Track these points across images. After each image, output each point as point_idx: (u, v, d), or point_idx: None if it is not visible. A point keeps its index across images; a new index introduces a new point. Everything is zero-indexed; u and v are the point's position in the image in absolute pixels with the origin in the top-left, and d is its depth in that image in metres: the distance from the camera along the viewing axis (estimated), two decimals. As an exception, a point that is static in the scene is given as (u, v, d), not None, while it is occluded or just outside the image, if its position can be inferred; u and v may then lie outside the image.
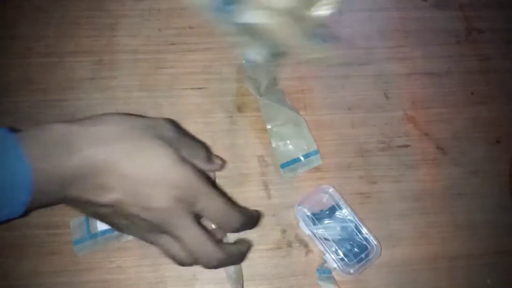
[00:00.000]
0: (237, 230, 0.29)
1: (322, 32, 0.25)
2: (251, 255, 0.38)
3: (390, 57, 0.47)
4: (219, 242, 0.28)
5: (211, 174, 0.35)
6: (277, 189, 0.41)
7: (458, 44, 0.48)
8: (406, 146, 0.43)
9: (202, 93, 0.44)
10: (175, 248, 0.27)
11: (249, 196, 0.40)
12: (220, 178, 0.40)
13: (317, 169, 0.42)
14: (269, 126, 0.42)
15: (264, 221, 0.39)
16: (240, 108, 0.44)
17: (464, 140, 0.44)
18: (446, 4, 0.51)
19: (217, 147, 0.42)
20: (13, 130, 0.24)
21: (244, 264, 0.38)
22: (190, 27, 0.47)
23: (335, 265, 0.36)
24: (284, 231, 0.39)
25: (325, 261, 0.37)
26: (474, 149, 0.43)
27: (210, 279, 0.37)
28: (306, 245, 0.39)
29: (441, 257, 0.39)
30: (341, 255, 0.37)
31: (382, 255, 0.39)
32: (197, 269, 0.37)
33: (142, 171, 0.25)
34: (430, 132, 0.44)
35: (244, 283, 0.37)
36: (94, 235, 0.36)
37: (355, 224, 0.38)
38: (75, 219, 0.37)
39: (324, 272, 0.37)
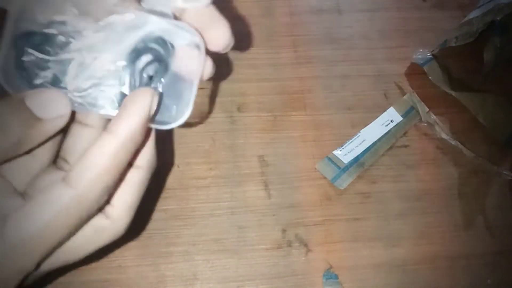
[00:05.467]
0: None
1: None
2: (250, 254, 0.38)
3: (390, 57, 0.47)
4: None
5: None
6: (277, 189, 0.41)
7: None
8: (406, 146, 0.43)
9: (202, 93, 0.44)
10: None
11: (249, 196, 0.40)
12: (220, 178, 0.41)
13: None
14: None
15: (264, 221, 0.39)
16: (240, 108, 0.44)
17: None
18: (446, 4, 0.51)
19: (217, 147, 0.42)
20: None
21: (243, 264, 0.38)
22: (190, 27, 0.47)
23: None
24: (284, 231, 0.39)
25: None
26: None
27: (210, 279, 0.37)
28: (306, 245, 0.39)
29: (441, 257, 0.39)
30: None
31: (381, 255, 0.39)
32: (198, 269, 0.37)
33: None
34: (430, 132, 0.44)
35: (244, 283, 0.37)
36: (345, 168, 0.40)
37: None
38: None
39: (331, 277, 0.37)
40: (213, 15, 0.21)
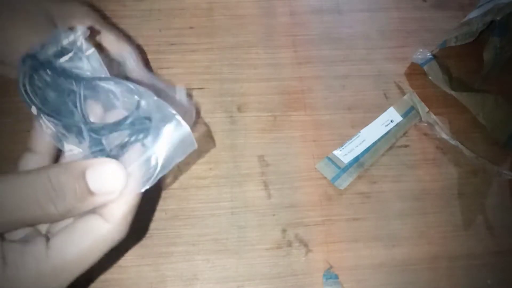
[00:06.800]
0: None
1: None
2: (250, 254, 0.38)
3: (390, 57, 0.47)
4: None
5: None
6: (277, 189, 0.41)
7: (458, 44, 0.49)
8: (406, 146, 0.43)
9: (202, 93, 0.44)
10: None
11: (249, 196, 0.40)
12: (220, 178, 0.41)
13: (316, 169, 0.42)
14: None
15: (264, 221, 0.39)
16: (240, 108, 0.44)
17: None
18: (446, 4, 0.51)
19: (217, 147, 0.42)
20: None
21: (244, 264, 0.38)
22: (191, 27, 0.47)
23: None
24: (284, 231, 0.39)
25: None
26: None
27: (210, 279, 0.37)
28: (306, 245, 0.39)
29: (441, 257, 0.39)
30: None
31: (381, 255, 0.39)
32: (198, 269, 0.37)
33: None
34: (430, 132, 0.44)
35: (244, 283, 0.37)
36: (345, 168, 0.40)
37: None
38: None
39: (331, 277, 0.37)
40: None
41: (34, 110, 0.22)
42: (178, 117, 0.20)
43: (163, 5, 0.48)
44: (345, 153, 0.42)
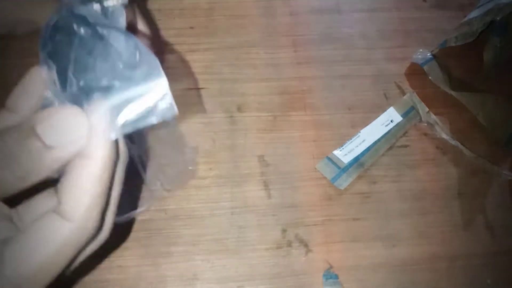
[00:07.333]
0: None
1: None
2: (250, 254, 0.38)
3: (390, 57, 0.47)
4: None
5: None
6: (277, 189, 0.41)
7: (458, 44, 0.49)
8: (406, 146, 0.43)
9: (202, 93, 0.44)
10: None
11: (249, 196, 0.40)
12: (220, 178, 0.41)
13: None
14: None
15: (264, 221, 0.39)
16: (240, 108, 0.44)
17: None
18: (446, 4, 0.51)
19: (217, 147, 0.42)
20: None
21: (243, 264, 0.38)
22: (191, 27, 0.47)
23: None
24: (284, 231, 0.39)
25: None
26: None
27: (211, 279, 0.37)
28: (306, 245, 0.39)
29: (441, 257, 0.39)
30: None
31: (381, 255, 0.39)
32: (198, 269, 0.37)
33: None
34: (430, 132, 0.44)
35: (244, 283, 0.37)
36: (345, 168, 0.40)
37: None
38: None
39: (331, 277, 0.37)
40: None
41: (42, 54, 0.22)
42: (162, 72, 0.19)
43: (163, 5, 0.48)
44: (345, 153, 0.42)
